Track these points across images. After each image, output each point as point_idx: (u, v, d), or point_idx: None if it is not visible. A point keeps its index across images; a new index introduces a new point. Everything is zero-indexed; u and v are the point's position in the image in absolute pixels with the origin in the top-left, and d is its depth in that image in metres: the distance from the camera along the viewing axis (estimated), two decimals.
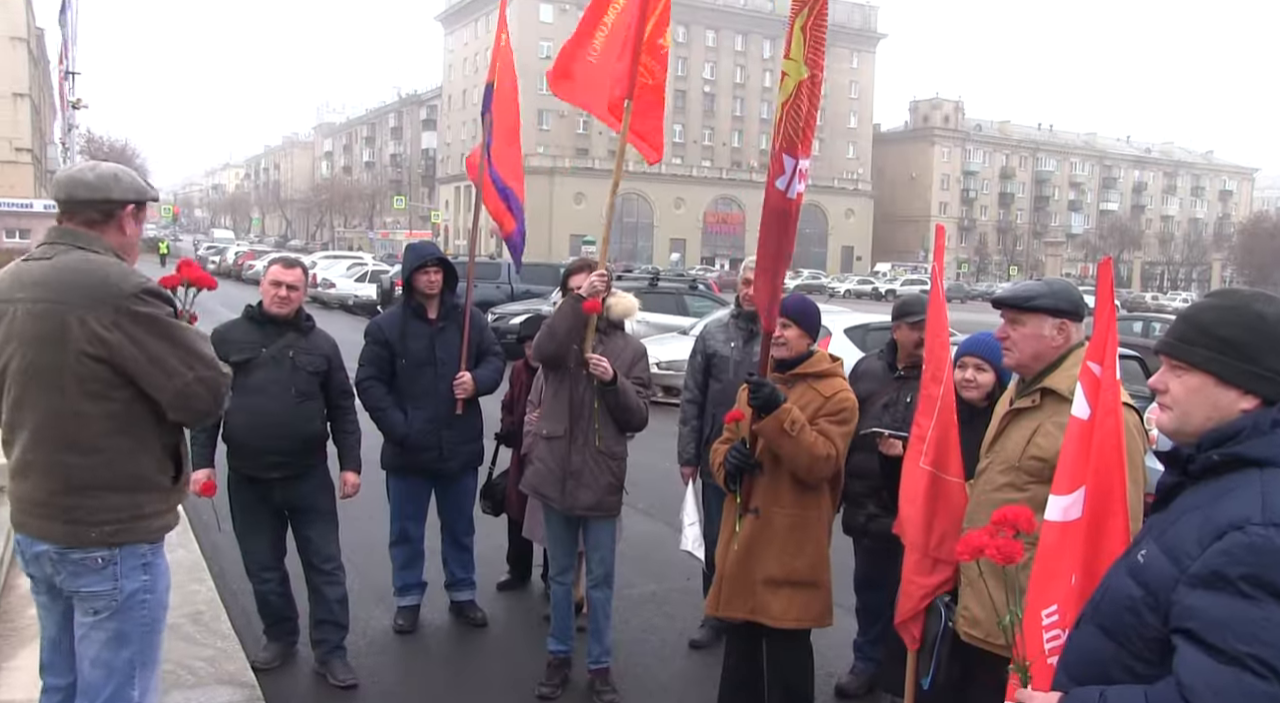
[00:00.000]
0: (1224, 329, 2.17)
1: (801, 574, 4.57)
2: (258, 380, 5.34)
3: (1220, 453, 2.11)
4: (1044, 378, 3.65)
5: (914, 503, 4.03)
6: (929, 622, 3.96)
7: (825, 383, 4.67)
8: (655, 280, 23.06)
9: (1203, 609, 1.94)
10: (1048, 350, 3.65)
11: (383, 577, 6.66)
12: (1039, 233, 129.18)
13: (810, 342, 4.73)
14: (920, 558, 4.01)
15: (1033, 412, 3.66)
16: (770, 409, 4.36)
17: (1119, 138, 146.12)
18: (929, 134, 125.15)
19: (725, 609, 4.69)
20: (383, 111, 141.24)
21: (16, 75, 59.98)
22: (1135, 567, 2.15)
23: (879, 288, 76.56)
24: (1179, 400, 2.24)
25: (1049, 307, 3.64)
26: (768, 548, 4.57)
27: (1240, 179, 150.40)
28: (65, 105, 40.90)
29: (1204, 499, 2.09)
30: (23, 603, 5.58)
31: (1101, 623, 2.21)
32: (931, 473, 3.98)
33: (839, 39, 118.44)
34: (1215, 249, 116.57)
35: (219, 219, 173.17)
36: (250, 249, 63.17)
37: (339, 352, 5.75)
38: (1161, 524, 2.18)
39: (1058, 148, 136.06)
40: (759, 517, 4.59)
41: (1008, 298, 3.75)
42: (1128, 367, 12.66)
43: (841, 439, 4.55)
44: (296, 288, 5.51)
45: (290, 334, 5.51)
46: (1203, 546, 1.99)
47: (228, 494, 5.59)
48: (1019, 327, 3.68)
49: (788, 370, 4.68)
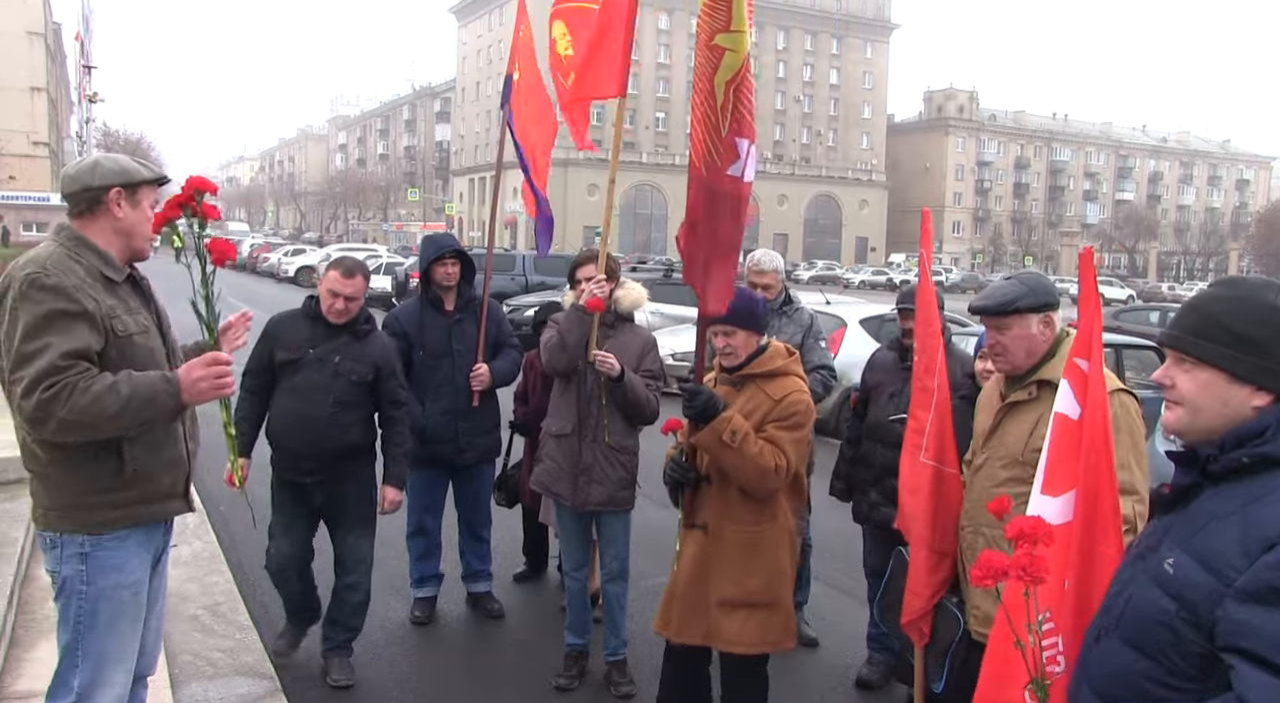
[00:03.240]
0: (1237, 323, 2.05)
1: (758, 594, 4.22)
2: (300, 383, 5.23)
3: (1248, 453, 1.99)
4: (1039, 370, 3.62)
5: (919, 498, 3.91)
6: (940, 623, 3.87)
7: (776, 384, 4.29)
8: (669, 272, 23.00)
9: (1258, 626, 1.82)
10: (1039, 346, 3.63)
11: (400, 569, 6.68)
12: (1054, 223, 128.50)
13: (759, 339, 4.37)
14: (928, 554, 3.88)
15: (1031, 404, 3.63)
16: (707, 419, 4.05)
17: (1135, 127, 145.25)
18: (943, 124, 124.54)
19: (679, 634, 4.37)
20: (397, 104, 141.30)
21: (34, 69, 60.23)
22: (1164, 577, 2.02)
23: (893, 279, 76.26)
24: (1187, 397, 2.12)
25: (1031, 305, 3.60)
26: (720, 567, 4.24)
27: (1257, 168, 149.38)
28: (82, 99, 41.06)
29: (1234, 504, 1.97)
30: (43, 595, 5.61)
31: (1131, 639, 2.08)
32: (935, 467, 3.88)
33: (852, 29, 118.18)
34: (1232, 239, 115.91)
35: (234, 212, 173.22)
36: (265, 242, 63.31)
37: (394, 359, 5.55)
38: (1184, 529, 2.06)
39: (1073, 137, 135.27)
40: (708, 534, 4.27)
41: (990, 307, 3.66)
42: (1144, 357, 12.63)
43: (793, 446, 4.17)
44: (356, 298, 5.27)
45: (343, 338, 5.31)
46: (1249, 556, 1.87)
47: (270, 492, 5.51)
48: (1007, 332, 3.64)
49: (735, 371, 4.34)
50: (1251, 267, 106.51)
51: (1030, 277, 3.72)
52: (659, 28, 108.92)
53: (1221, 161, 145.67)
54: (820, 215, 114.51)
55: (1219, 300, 2.13)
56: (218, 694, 4.94)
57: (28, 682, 4.72)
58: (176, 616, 5.83)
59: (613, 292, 5.31)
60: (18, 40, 58.50)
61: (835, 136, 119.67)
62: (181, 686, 4.88)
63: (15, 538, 5.97)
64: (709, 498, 4.27)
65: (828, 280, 72.57)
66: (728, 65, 3.90)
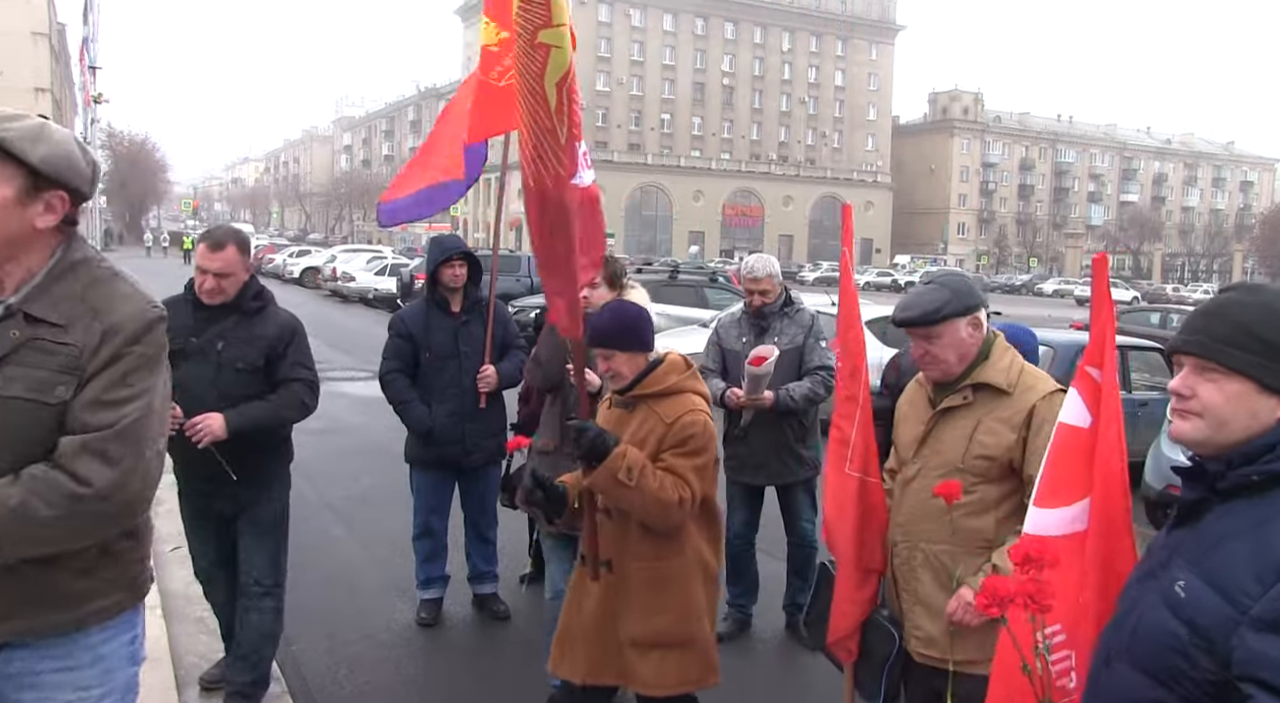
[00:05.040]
0: (1267, 331, 1.94)
1: (669, 634, 3.81)
2: (181, 377, 4.21)
3: (1258, 471, 1.91)
4: (971, 374, 3.46)
5: (845, 512, 3.71)
6: (872, 638, 3.71)
7: (668, 404, 3.83)
8: (675, 273, 22.99)
9: (1276, 658, 1.74)
10: (970, 350, 3.46)
11: (406, 570, 6.67)
12: (1058, 224, 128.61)
13: (647, 354, 3.92)
14: (854, 571, 3.71)
15: (966, 409, 3.46)
16: (599, 458, 3.61)
17: (1139, 129, 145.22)
18: (948, 126, 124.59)
19: (590, 675, 3.92)
20: (401, 105, 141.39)
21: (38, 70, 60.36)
22: (1175, 601, 1.93)
23: (898, 280, 76.29)
24: (1214, 408, 1.98)
25: (958, 310, 3.41)
26: (627, 607, 3.84)
27: (1261, 170, 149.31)
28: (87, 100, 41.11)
29: (1244, 523, 1.89)
30: None
31: (1143, 665, 1.98)
32: (860, 479, 3.68)
33: (857, 31, 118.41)
34: (1236, 240, 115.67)
35: (238, 213, 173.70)
36: (270, 243, 63.38)
37: (296, 336, 4.81)
38: (1194, 548, 1.97)
39: (1077, 139, 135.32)
40: (612, 571, 3.86)
41: (915, 318, 3.44)
42: (1149, 358, 12.59)
43: (696, 474, 3.73)
44: (228, 274, 4.58)
45: (229, 320, 4.64)
46: (1263, 583, 1.79)
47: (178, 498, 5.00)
48: (936, 341, 3.44)
49: (625, 392, 3.91)
50: (1256, 268, 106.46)
51: (952, 279, 3.56)
52: (664, 29, 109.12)
53: (1226, 163, 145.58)
54: (825, 217, 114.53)
55: (1247, 307, 2.00)
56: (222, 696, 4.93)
57: None
58: (182, 618, 5.83)
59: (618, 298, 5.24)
60: (22, 41, 58.64)
61: (840, 138, 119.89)
62: (187, 688, 4.88)
63: None
64: (608, 533, 3.88)
65: (833, 282, 72.45)
66: (555, 65, 3.47)
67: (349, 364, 18.40)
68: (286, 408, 4.72)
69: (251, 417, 4.55)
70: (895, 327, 3.66)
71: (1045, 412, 3.29)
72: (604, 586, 3.88)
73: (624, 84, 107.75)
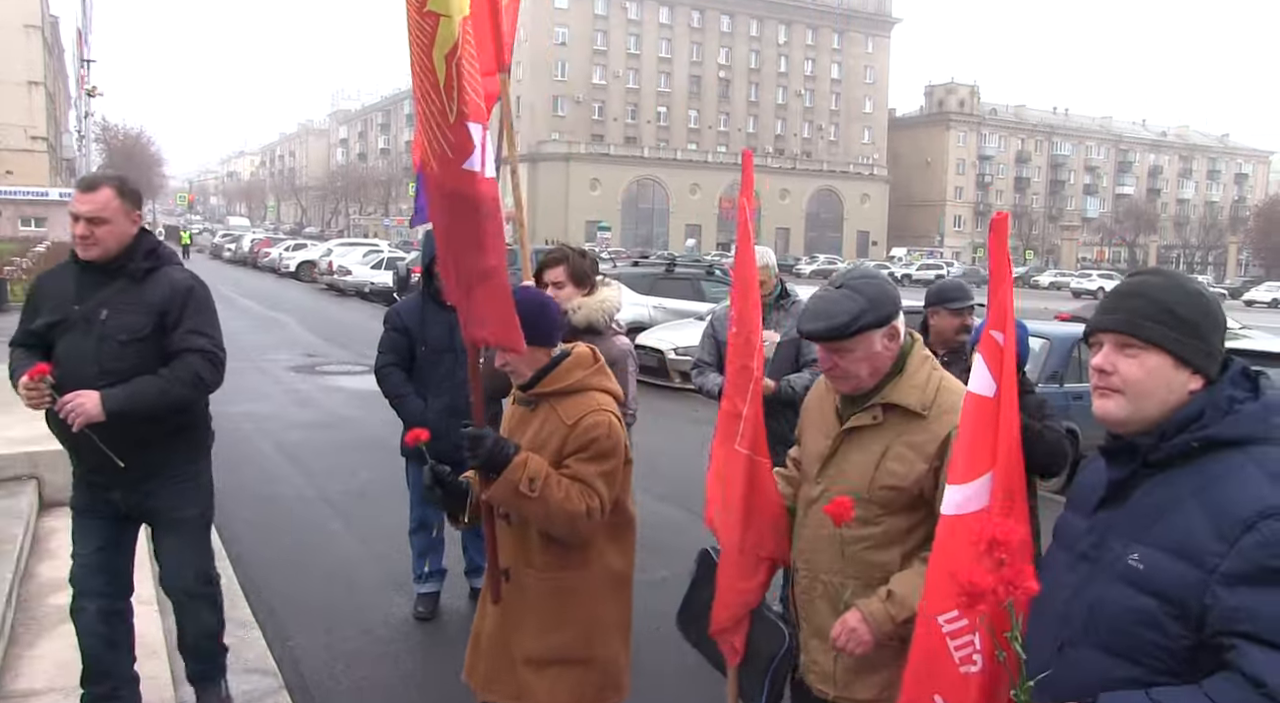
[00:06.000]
0: (1181, 308, 2.06)
1: (568, 650, 3.52)
2: (62, 353, 4.00)
3: (1195, 438, 2.00)
4: (882, 390, 3.06)
5: (733, 490, 3.33)
6: (759, 636, 3.33)
7: (570, 404, 3.48)
8: (672, 266, 22.99)
9: (1255, 608, 1.81)
10: (884, 364, 3.06)
11: (403, 565, 6.66)
12: (1054, 217, 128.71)
13: (549, 349, 3.56)
14: (741, 556, 3.32)
15: (875, 430, 3.07)
16: (498, 468, 3.30)
17: (1135, 121, 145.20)
18: (944, 118, 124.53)
19: (485, 689, 3.69)
20: (398, 98, 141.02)
21: (31, 63, 60.13)
22: (1134, 575, 1.97)
23: (895, 273, 76.21)
24: (1134, 382, 2.07)
25: (875, 321, 2.98)
26: (524, 619, 3.54)
27: (1256, 162, 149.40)
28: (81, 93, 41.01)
29: (1183, 492, 1.98)
30: (43, 591, 5.59)
31: (1108, 645, 2.00)
32: (749, 457, 3.30)
33: (854, 24, 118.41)
34: (1231, 232, 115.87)
35: (234, 206, 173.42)
36: (266, 237, 63.33)
37: (192, 298, 4.13)
38: (1132, 523, 2.04)
39: (1073, 132, 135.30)
40: (510, 581, 3.57)
41: (825, 332, 3.00)
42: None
43: (604, 480, 3.41)
44: (103, 221, 3.97)
45: (116, 285, 4.04)
46: (1226, 540, 1.86)
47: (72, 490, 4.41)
48: (848, 355, 3.02)
49: (528, 389, 3.55)
50: (1250, 260, 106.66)
51: (868, 284, 3.06)
52: (660, 21, 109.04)
53: (1221, 156, 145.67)
54: (822, 209, 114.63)
55: (1161, 288, 2.11)
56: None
57: (27, 680, 4.69)
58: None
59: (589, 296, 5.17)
60: (15, 34, 58.37)
61: (837, 131, 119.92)
62: (183, 682, 4.84)
63: (15, 535, 5.93)
64: (507, 541, 3.57)
65: (829, 274, 72.38)
66: (444, 35, 3.06)
67: (345, 358, 18.40)
68: (177, 384, 4.01)
69: (135, 395, 3.90)
70: (803, 339, 3.26)
71: None
72: (503, 595, 3.59)
73: (620, 77, 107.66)
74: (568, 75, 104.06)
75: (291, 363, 18.00)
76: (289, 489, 9.18)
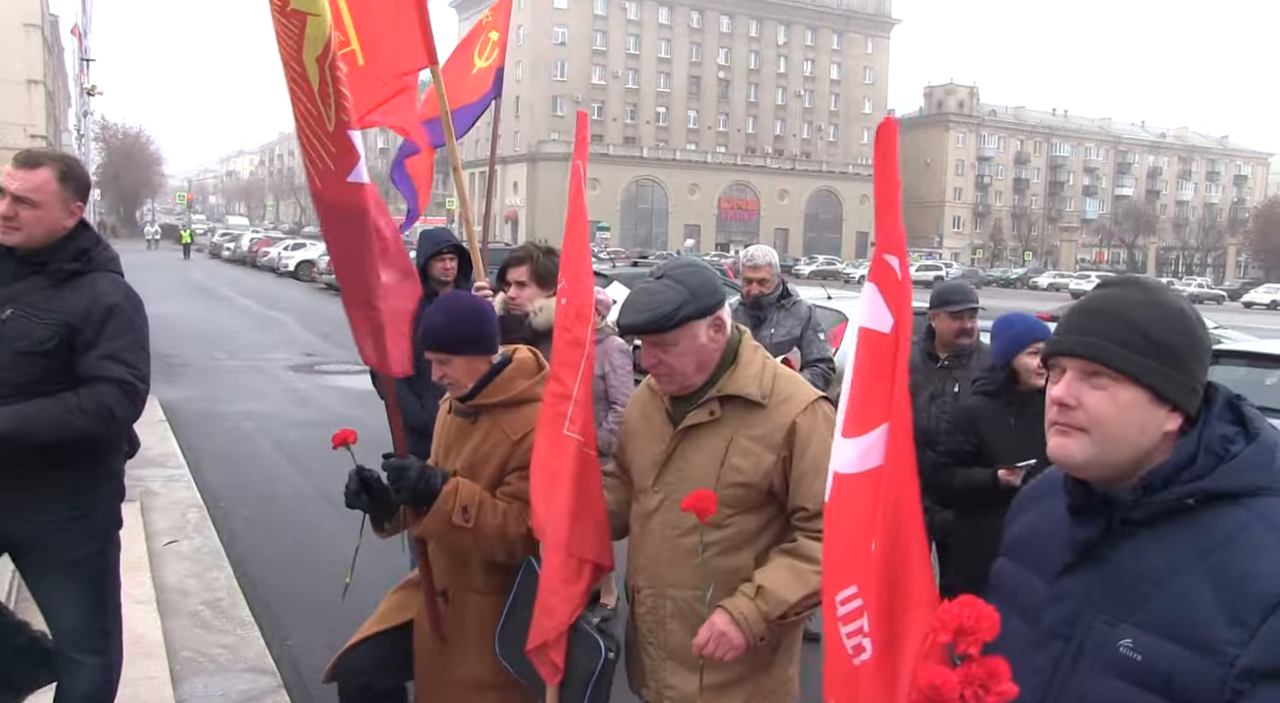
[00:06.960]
0: (1160, 332, 1.68)
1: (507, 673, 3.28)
2: None
3: (1191, 491, 1.63)
4: (717, 383, 2.89)
5: (559, 481, 2.98)
6: (576, 651, 3.01)
7: (515, 417, 3.29)
8: None
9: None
10: (712, 356, 2.89)
11: (402, 563, 6.65)
12: (1053, 218, 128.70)
13: (489, 357, 3.33)
14: (565, 559, 2.96)
15: (714, 427, 2.88)
16: (426, 502, 3.10)
17: (1134, 123, 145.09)
18: (943, 120, 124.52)
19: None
20: None
21: (31, 62, 60.07)
22: (1129, 668, 1.61)
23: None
24: (1102, 421, 1.68)
25: (697, 311, 2.81)
26: (464, 641, 3.33)
27: (1255, 164, 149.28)
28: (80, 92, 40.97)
29: (1184, 555, 1.61)
30: None
31: None
32: (579, 444, 2.98)
33: (853, 25, 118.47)
34: (1230, 234, 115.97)
35: (233, 206, 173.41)
36: (265, 236, 63.23)
37: (113, 317, 3.40)
38: (1113, 595, 1.67)
39: (1072, 133, 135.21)
40: (448, 602, 3.37)
41: (646, 324, 2.80)
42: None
43: None
44: (32, 204, 3.32)
45: (33, 280, 3.38)
46: (1243, 625, 1.50)
47: None
48: (671, 349, 2.83)
49: (467, 400, 3.34)
50: (1249, 262, 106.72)
51: (690, 275, 2.90)
52: (660, 22, 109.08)
53: (1220, 157, 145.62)
54: (821, 210, 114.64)
55: (1139, 305, 1.72)
56: (219, 690, 4.92)
57: None
58: (177, 611, 5.81)
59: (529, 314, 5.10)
60: (14, 32, 58.28)
61: (836, 132, 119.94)
62: (182, 682, 4.86)
63: None
64: (443, 562, 3.37)
65: (828, 275, 72.63)
66: (313, 36, 2.78)
67: (343, 357, 18.39)
68: (82, 416, 3.28)
69: (27, 420, 3.20)
70: (624, 335, 3.02)
71: (808, 428, 2.83)
72: (442, 616, 3.38)
73: (620, 78, 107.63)
74: (567, 75, 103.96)
75: (290, 362, 18.03)
76: (288, 488, 9.15)
